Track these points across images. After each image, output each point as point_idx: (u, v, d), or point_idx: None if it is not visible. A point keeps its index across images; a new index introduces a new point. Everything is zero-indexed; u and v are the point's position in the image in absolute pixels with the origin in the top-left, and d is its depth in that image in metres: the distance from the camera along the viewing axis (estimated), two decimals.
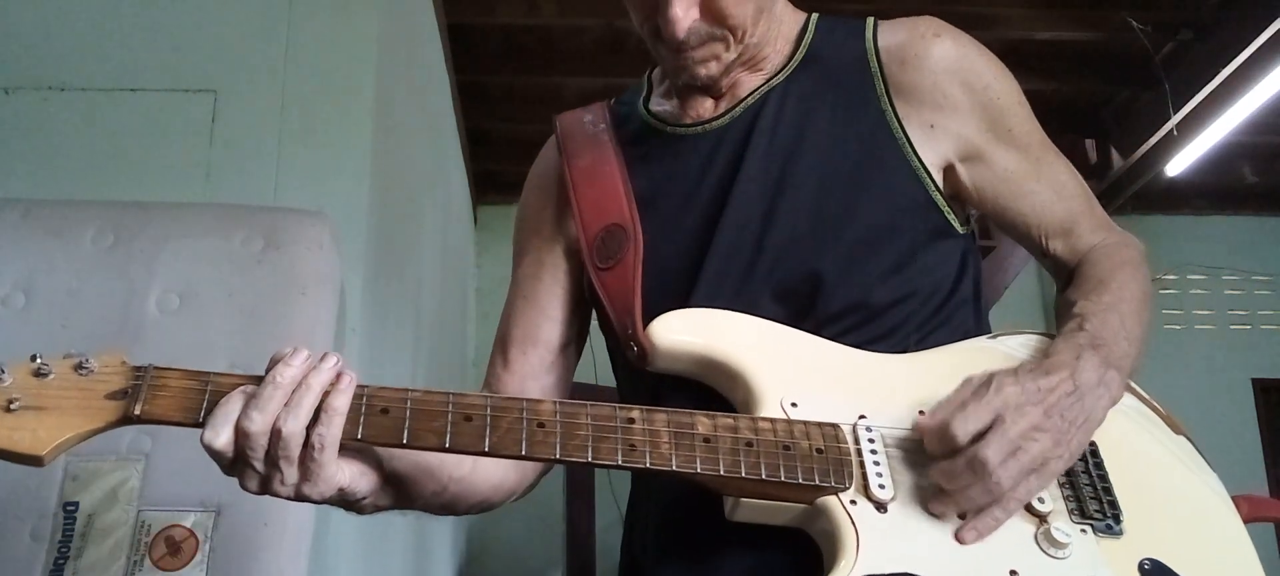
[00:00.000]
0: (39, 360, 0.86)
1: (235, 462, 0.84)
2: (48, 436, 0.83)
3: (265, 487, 0.85)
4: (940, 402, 0.93)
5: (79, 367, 0.87)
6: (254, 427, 0.82)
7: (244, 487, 0.86)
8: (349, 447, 0.88)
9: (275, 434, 0.83)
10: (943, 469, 0.89)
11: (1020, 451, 0.88)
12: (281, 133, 2.39)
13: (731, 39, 1.07)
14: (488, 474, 1.06)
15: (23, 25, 2.41)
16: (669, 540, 1.06)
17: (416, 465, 0.96)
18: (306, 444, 0.84)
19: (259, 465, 0.84)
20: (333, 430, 0.84)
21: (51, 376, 0.86)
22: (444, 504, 1.04)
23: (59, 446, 0.83)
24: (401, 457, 0.94)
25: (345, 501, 0.91)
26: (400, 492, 0.96)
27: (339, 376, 0.86)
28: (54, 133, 2.35)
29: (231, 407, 0.84)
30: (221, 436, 0.83)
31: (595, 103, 1.27)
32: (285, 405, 0.83)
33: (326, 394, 0.85)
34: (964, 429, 0.88)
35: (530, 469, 1.12)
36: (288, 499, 0.87)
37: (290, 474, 0.85)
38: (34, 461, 0.82)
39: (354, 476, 0.89)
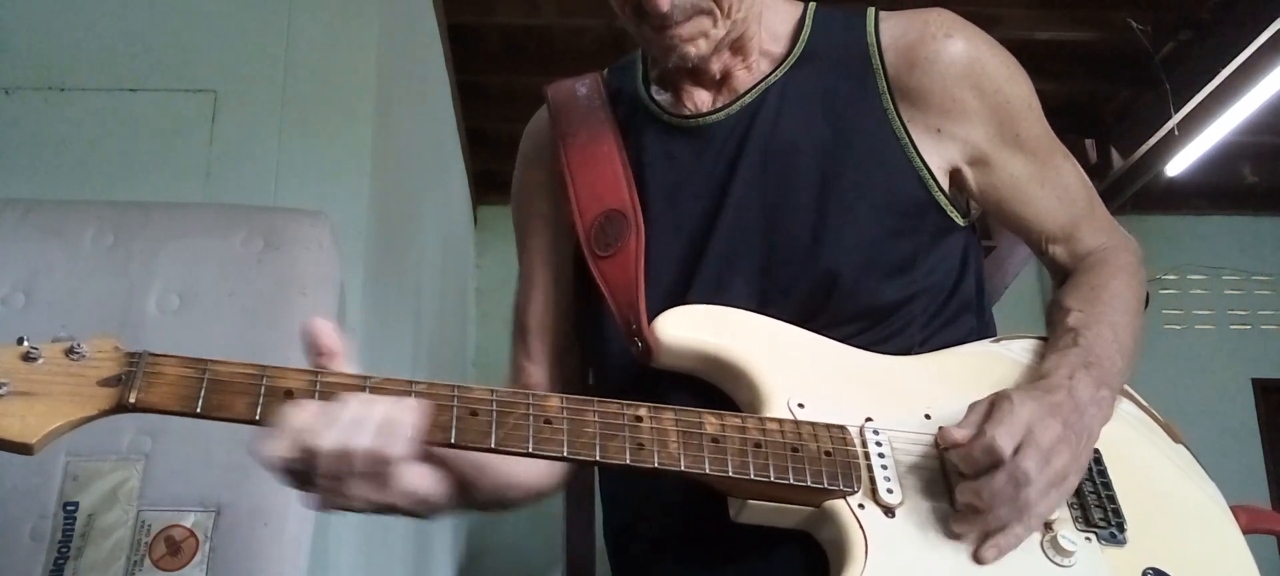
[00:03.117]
0: (27, 343, 0.82)
1: (298, 477, 0.80)
2: (38, 423, 0.78)
3: (330, 504, 0.81)
4: (959, 423, 0.91)
5: (70, 352, 0.82)
6: (324, 446, 0.78)
7: (305, 500, 0.82)
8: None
9: (343, 454, 0.78)
10: (978, 486, 0.87)
11: (1048, 465, 0.87)
12: (281, 133, 2.39)
13: (718, 13, 1.02)
14: (533, 466, 1.03)
15: (23, 25, 2.41)
16: (672, 541, 1.05)
17: (473, 462, 0.94)
18: (377, 461, 0.79)
19: (322, 481, 0.79)
20: (399, 446, 0.80)
21: (41, 361, 0.81)
22: (500, 501, 1.03)
23: (50, 434, 0.79)
24: (462, 456, 0.90)
25: (416, 510, 0.86)
26: (464, 494, 0.94)
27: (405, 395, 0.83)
28: (54, 133, 2.35)
29: (295, 421, 0.79)
30: (280, 447, 0.78)
31: (587, 73, 1.22)
32: (354, 421, 0.79)
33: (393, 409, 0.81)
34: (1007, 444, 0.86)
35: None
36: (361, 511, 0.82)
37: (360, 488, 0.80)
38: (24, 449, 0.78)
39: (430, 484, 0.85)
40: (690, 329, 0.99)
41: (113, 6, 2.45)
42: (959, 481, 0.90)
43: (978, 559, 0.89)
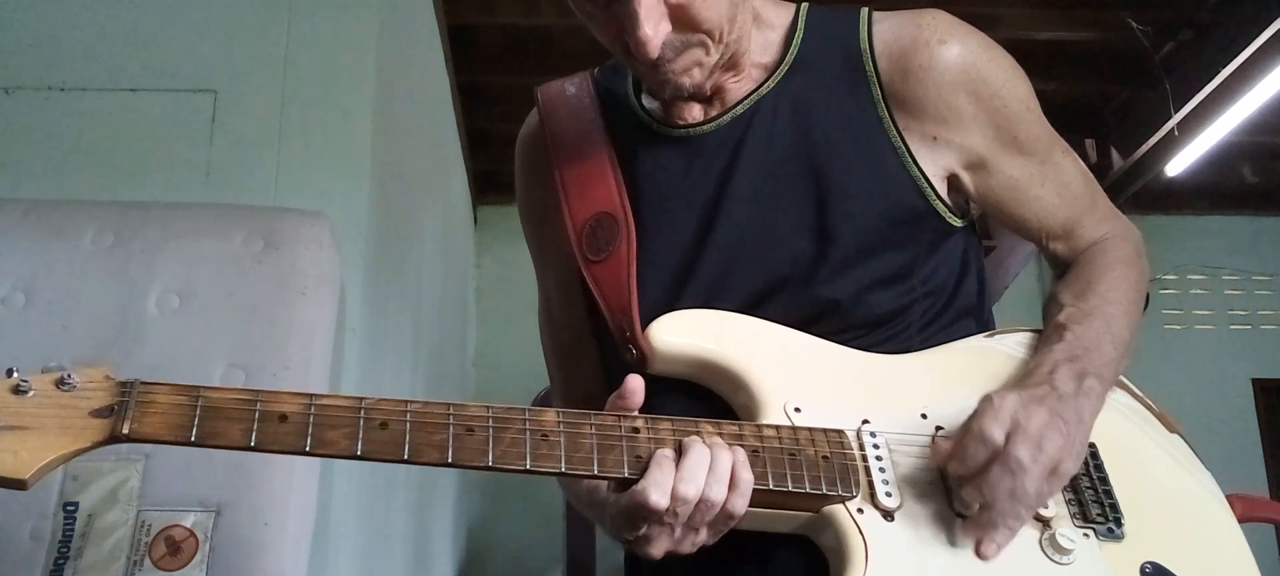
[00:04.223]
0: (16, 376, 0.81)
1: (654, 526, 0.86)
2: (31, 458, 0.77)
3: (673, 549, 0.88)
4: (953, 433, 0.92)
5: (61, 383, 0.82)
6: (690, 493, 0.85)
7: (643, 551, 0.88)
8: None
9: (703, 502, 0.85)
10: (978, 482, 0.88)
11: (1041, 451, 0.87)
12: (281, 133, 2.39)
13: (710, 43, 1.00)
14: None
15: (23, 25, 2.41)
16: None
17: None
18: (722, 511, 0.87)
19: (678, 530, 0.86)
20: (744, 501, 0.87)
21: (31, 393, 0.81)
22: None
23: (42, 469, 0.78)
24: None
25: None
26: None
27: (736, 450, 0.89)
28: (54, 133, 2.34)
29: (667, 470, 0.86)
30: (666, 497, 0.85)
31: (577, 74, 1.20)
32: (709, 473, 0.86)
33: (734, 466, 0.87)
34: (998, 432, 0.87)
35: None
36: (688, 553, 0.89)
37: (703, 537, 0.88)
38: (16, 485, 0.77)
39: None
40: (684, 334, 0.99)
41: (113, 6, 2.45)
42: (960, 487, 0.90)
43: (980, 553, 0.89)
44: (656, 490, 0.84)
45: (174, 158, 2.35)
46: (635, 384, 0.90)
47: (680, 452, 0.87)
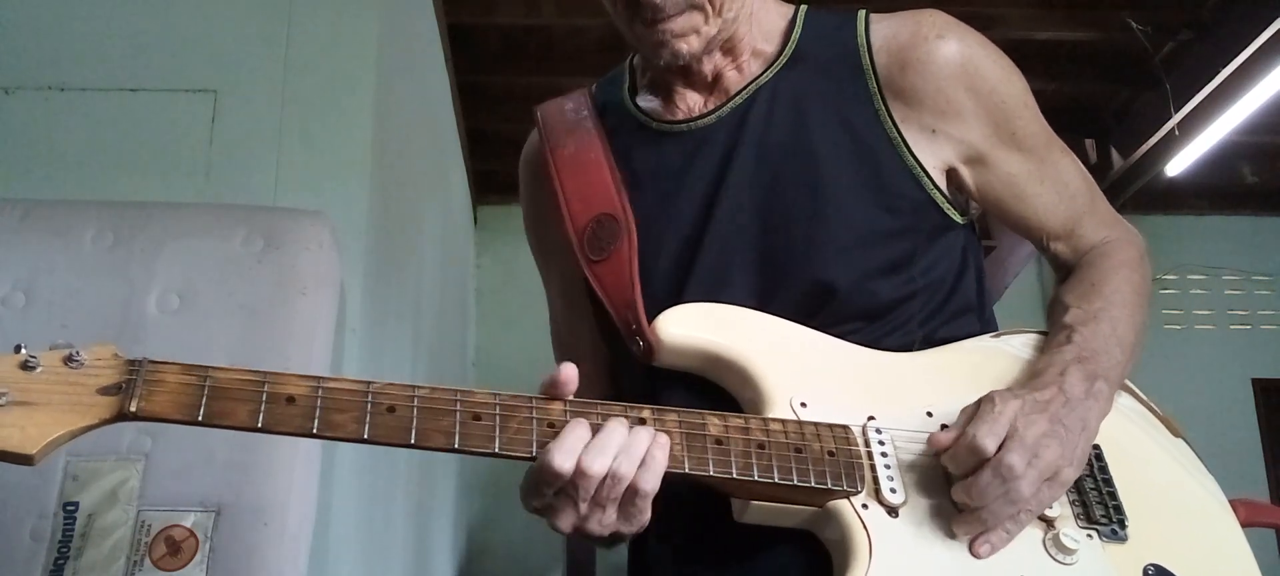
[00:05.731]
0: (25, 352, 0.81)
1: (559, 496, 0.85)
2: (38, 433, 0.77)
3: (579, 525, 0.87)
4: (951, 426, 0.93)
5: (69, 360, 0.82)
6: (595, 466, 0.84)
7: (550, 522, 0.87)
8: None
9: (611, 476, 0.84)
10: (967, 485, 0.89)
11: (1036, 458, 0.88)
12: (281, 133, 2.39)
13: (709, 10, 1.03)
14: None
15: (23, 25, 2.41)
16: (675, 542, 1.05)
17: None
18: (631, 489, 0.85)
19: (583, 505, 0.85)
20: (656, 479, 0.86)
21: (39, 369, 0.80)
22: None
23: (50, 444, 0.78)
24: None
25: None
26: None
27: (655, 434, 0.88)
28: (54, 133, 2.34)
29: (577, 439, 0.85)
30: (569, 461, 0.83)
31: (574, 90, 1.23)
32: (621, 450, 0.85)
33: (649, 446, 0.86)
34: (990, 442, 0.87)
35: None
36: (598, 535, 0.88)
37: (611, 516, 0.86)
38: (24, 460, 0.77)
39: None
40: (691, 327, 0.99)
41: (113, 6, 2.45)
42: (951, 484, 0.90)
43: (972, 553, 0.90)
44: (561, 454, 0.84)
45: (174, 158, 2.35)
46: (569, 372, 0.90)
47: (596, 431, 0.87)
